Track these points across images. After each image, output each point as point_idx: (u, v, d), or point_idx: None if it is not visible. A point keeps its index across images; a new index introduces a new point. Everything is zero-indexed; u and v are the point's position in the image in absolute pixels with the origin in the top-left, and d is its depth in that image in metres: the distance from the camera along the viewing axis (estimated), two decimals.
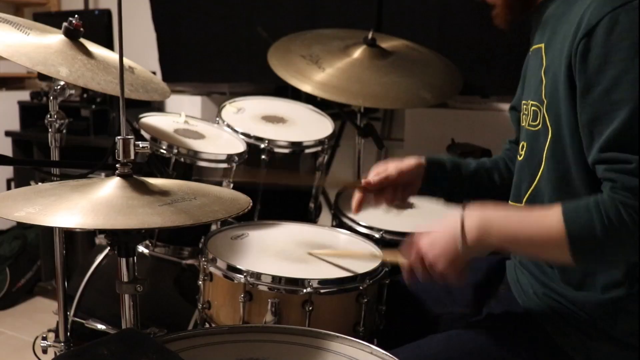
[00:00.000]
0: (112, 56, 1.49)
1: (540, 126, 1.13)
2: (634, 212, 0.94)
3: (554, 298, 1.14)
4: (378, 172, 1.36)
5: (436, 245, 1.10)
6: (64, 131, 1.55)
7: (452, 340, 1.17)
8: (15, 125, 3.25)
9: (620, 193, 0.96)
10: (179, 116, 1.96)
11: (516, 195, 1.24)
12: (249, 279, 1.27)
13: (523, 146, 1.22)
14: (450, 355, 1.14)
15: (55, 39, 1.38)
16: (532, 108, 1.16)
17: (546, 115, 1.11)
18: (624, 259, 1.03)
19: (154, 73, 3.12)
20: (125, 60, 1.50)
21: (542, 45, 1.15)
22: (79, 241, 2.91)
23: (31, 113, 3.22)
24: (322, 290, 1.26)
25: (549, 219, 1.01)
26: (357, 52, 2.04)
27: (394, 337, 1.29)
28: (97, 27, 2.95)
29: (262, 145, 1.84)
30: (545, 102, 1.11)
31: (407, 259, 1.16)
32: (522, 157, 1.23)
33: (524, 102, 1.23)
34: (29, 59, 1.26)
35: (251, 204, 1.04)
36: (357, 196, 1.37)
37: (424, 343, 1.17)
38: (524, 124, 1.22)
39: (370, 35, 2.05)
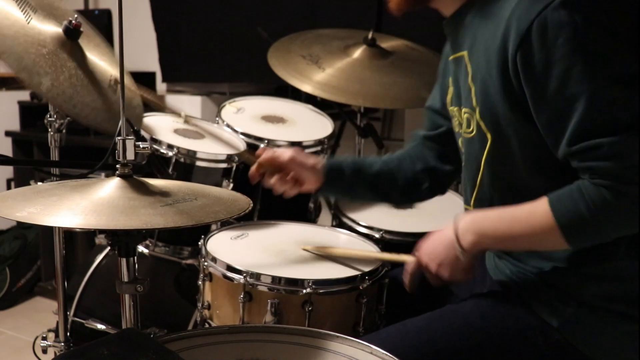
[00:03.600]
0: (102, 65, 1.44)
1: (474, 133, 1.16)
2: (616, 192, 0.98)
3: (525, 271, 1.18)
4: (273, 153, 1.41)
5: (436, 256, 1.18)
6: (64, 131, 1.55)
7: (435, 317, 1.20)
8: (15, 125, 3.25)
9: (599, 179, 0.99)
10: (179, 116, 1.95)
11: (465, 199, 1.29)
12: (248, 279, 1.27)
13: (463, 153, 1.26)
14: (434, 331, 1.16)
15: (54, 35, 1.34)
16: (465, 115, 1.18)
17: (480, 122, 1.13)
18: (623, 232, 1.04)
19: (154, 73, 3.14)
20: (113, 72, 1.46)
21: (465, 53, 1.17)
22: (79, 241, 2.91)
23: (31, 113, 3.22)
24: (321, 291, 1.27)
25: (537, 212, 1.06)
26: (357, 52, 2.04)
27: None
28: (97, 27, 2.95)
29: (262, 145, 1.84)
30: (478, 108, 1.13)
31: (411, 268, 1.25)
32: (463, 162, 1.27)
33: (453, 108, 1.26)
34: (17, 59, 1.21)
35: (251, 205, 1.04)
36: (252, 171, 1.43)
37: (409, 322, 1.19)
38: (459, 130, 1.25)
39: (370, 35, 2.05)
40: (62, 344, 1.62)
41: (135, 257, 1.03)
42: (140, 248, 1.75)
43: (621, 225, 1.02)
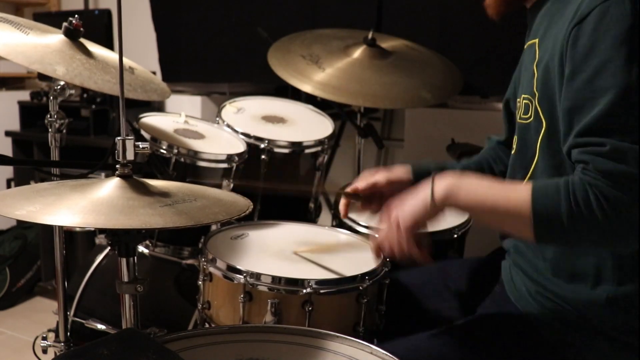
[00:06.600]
0: (111, 56, 1.49)
1: (531, 119, 1.14)
2: (602, 196, 0.94)
3: (546, 296, 1.15)
4: (366, 179, 1.36)
5: (405, 202, 1.11)
6: (64, 131, 1.55)
7: (447, 337, 1.18)
8: (15, 125, 3.25)
9: (590, 175, 0.96)
10: (179, 116, 1.96)
11: None
12: (248, 279, 1.27)
13: (515, 140, 1.23)
14: (444, 351, 1.14)
15: (55, 39, 1.38)
16: (524, 101, 1.17)
17: (538, 108, 1.11)
18: (587, 246, 1.03)
19: (154, 73, 3.14)
20: (126, 61, 1.50)
21: (537, 40, 1.16)
22: (79, 241, 2.91)
23: (31, 113, 3.22)
24: (321, 291, 1.26)
25: (517, 192, 1.02)
26: (357, 52, 2.04)
27: (394, 337, 1.29)
28: (97, 27, 2.96)
29: (262, 145, 1.84)
30: (537, 94, 1.11)
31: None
32: (514, 150, 1.24)
33: (518, 98, 1.24)
34: (26, 57, 1.26)
35: (251, 207, 1.04)
36: (343, 201, 1.38)
37: (419, 338, 1.18)
38: (516, 120, 1.23)
39: (370, 35, 2.05)
40: (62, 344, 1.62)
41: (135, 257, 1.03)
42: (140, 248, 1.75)
43: (594, 236, 0.97)
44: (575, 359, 1.12)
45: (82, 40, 1.43)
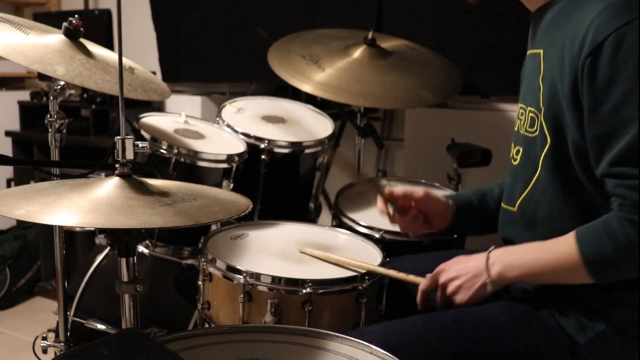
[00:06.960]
0: (112, 56, 1.49)
1: (537, 133, 1.15)
2: None
3: (552, 287, 1.17)
4: (405, 190, 1.40)
5: (458, 279, 1.18)
6: (64, 131, 1.55)
7: (462, 314, 1.20)
8: (15, 125, 3.25)
9: (627, 210, 1.00)
10: (179, 116, 1.96)
11: (509, 199, 1.26)
12: (248, 279, 1.27)
13: (518, 151, 1.24)
14: (460, 327, 1.17)
15: (54, 38, 1.38)
16: (530, 114, 1.17)
17: (544, 124, 1.12)
18: None
19: (154, 73, 3.14)
20: (126, 61, 1.50)
21: (541, 51, 1.16)
22: (79, 241, 2.91)
23: (31, 113, 3.22)
24: (321, 291, 1.26)
25: (562, 247, 1.07)
26: (357, 52, 2.04)
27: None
28: (97, 27, 2.96)
29: (262, 145, 1.84)
30: (543, 109, 1.12)
31: (424, 285, 1.25)
32: (517, 161, 1.25)
33: (521, 105, 1.23)
34: (25, 57, 1.26)
35: (251, 206, 1.04)
36: (381, 205, 1.41)
37: (436, 315, 1.20)
38: (519, 130, 1.23)
39: (370, 35, 2.05)
40: (62, 344, 1.62)
41: (135, 257, 1.03)
42: (140, 248, 1.75)
43: None
44: (591, 349, 1.12)
45: (82, 40, 1.44)
